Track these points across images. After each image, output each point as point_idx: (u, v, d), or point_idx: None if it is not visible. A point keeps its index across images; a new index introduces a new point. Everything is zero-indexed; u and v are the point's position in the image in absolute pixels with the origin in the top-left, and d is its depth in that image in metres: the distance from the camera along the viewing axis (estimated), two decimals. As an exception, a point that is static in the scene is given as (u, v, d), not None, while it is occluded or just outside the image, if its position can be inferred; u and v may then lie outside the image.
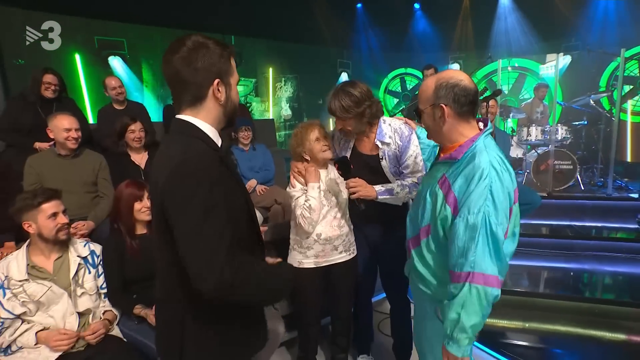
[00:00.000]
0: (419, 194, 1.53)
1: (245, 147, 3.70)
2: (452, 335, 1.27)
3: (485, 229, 1.22)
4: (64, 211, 1.96)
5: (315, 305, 2.27)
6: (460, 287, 1.24)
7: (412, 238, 1.52)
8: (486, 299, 1.23)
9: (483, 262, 1.22)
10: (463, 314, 1.24)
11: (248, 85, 7.07)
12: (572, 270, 3.81)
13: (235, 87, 1.19)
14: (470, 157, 1.30)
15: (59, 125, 2.62)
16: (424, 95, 1.37)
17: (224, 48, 1.13)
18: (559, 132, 4.88)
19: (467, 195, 1.25)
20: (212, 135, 1.15)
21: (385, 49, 8.15)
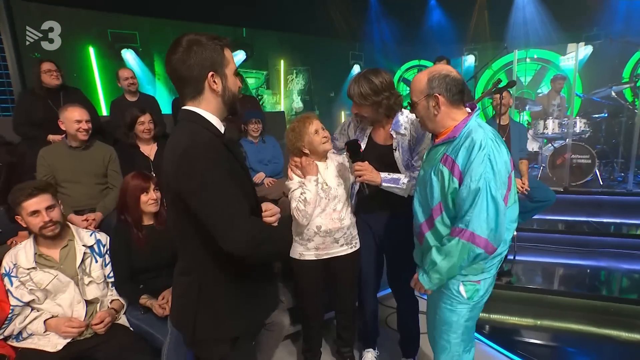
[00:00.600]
0: (422, 179, 1.60)
1: (255, 139, 3.68)
2: (427, 272, 1.50)
3: (486, 193, 1.35)
4: (49, 207, 1.92)
5: (317, 298, 2.27)
6: (450, 239, 1.42)
7: (424, 222, 1.59)
8: (467, 254, 1.39)
9: (476, 223, 1.36)
10: (444, 261, 1.44)
11: (259, 78, 7.06)
12: (588, 267, 3.69)
13: (231, 77, 1.26)
14: (467, 133, 1.44)
15: (70, 117, 2.65)
16: (417, 87, 1.50)
17: (217, 41, 1.21)
18: (577, 125, 4.72)
19: (469, 164, 1.38)
20: (215, 123, 1.25)
21: (399, 41, 8.01)
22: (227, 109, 1.28)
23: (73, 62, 4.95)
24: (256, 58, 6.87)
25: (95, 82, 5.24)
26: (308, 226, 2.06)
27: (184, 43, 1.18)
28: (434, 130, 1.56)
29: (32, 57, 4.30)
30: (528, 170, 3.58)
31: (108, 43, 5.20)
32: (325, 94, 7.86)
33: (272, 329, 2.28)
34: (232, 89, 1.26)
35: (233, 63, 1.26)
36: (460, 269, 1.47)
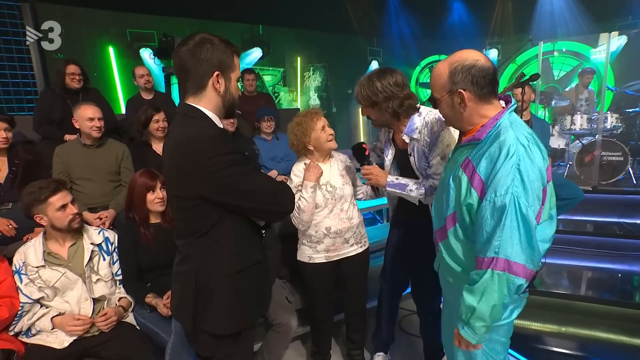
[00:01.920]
0: (442, 181, 1.44)
1: (268, 136, 3.67)
2: (468, 322, 1.23)
3: (515, 211, 1.13)
4: (72, 201, 1.98)
5: (327, 300, 2.23)
6: (482, 274, 1.18)
7: (438, 230, 1.44)
8: (507, 287, 1.15)
9: (509, 247, 1.14)
10: (482, 302, 1.18)
11: (276, 75, 7.07)
12: (619, 272, 3.48)
13: (235, 82, 1.30)
14: (495, 135, 1.22)
15: (83, 115, 2.70)
16: (438, 83, 1.29)
17: (229, 45, 1.26)
18: (608, 121, 4.46)
19: (492, 175, 1.17)
20: (214, 119, 1.27)
21: (418, 36, 7.83)
22: (225, 110, 1.31)
23: (93, 62, 5.08)
24: (273, 55, 6.88)
25: (114, 81, 5.36)
26: (317, 228, 2.03)
27: (197, 38, 1.22)
28: (461, 128, 1.38)
29: (56, 58, 4.41)
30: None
31: (127, 43, 5.30)
32: (343, 90, 7.78)
33: (279, 330, 2.25)
34: (233, 93, 1.30)
35: (239, 71, 1.31)
36: (505, 308, 1.24)
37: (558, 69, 6.88)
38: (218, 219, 1.26)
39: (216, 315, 1.31)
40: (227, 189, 1.20)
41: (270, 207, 1.28)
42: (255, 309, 1.42)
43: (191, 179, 1.20)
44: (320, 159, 2.06)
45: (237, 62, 1.29)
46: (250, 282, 1.36)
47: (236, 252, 1.31)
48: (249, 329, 1.42)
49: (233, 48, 1.27)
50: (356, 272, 2.18)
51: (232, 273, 1.31)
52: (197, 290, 1.30)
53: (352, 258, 2.12)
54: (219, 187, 1.19)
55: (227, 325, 1.33)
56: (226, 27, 6.36)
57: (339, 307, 2.37)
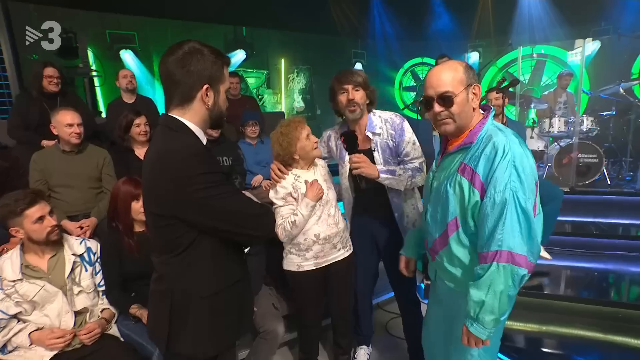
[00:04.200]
0: (436, 190, 1.46)
1: (253, 140, 3.64)
2: (477, 317, 1.25)
3: (515, 205, 1.20)
4: (50, 212, 1.91)
5: (317, 307, 2.22)
6: (487, 268, 1.22)
7: (438, 238, 1.45)
8: (512, 278, 1.21)
9: (511, 240, 1.19)
10: (489, 294, 1.22)
11: (260, 77, 7.01)
12: (595, 270, 3.58)
13: (223, 95, 1.25)
14: (486, 137, 1.30)
15: (62, 121, 2.62)
16: (456, 77, 1.31)
17: (219, 56, 1.20)
18: (584, 123, 4.60)
19: (491, 174, 1.24)
20: (198, 134, 1.22)
21: (401, 37, 7.90)
22: (211, 123, 1.27)
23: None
24: (256, 57, 6.82)
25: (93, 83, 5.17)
26: (305, 235, 2.01)
27: (186, 48, 1.17)
28: (464, 128, 1.37)
29: (31, 59, 4.27)
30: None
31: (106, 44, 5.16)
32: (327, 93, 7.73)
33: (266, 337, 2.25)
34: (222, 106, 1.26)
35: (228, 81, 1.27)
36: (511, 300, 1.27)
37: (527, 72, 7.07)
38: (194, 239, 1.21)
39: (193, 338, 1.26)
40: (204, 210, 1.15)
41: (249, 231, 1.23)
42: (236, 329, 1.37)
43: (168, 197, 1.15)
44: (305, 167, 2.05)
45: (226, 74, 1.25)
46: (229, 302, 1.31)
47: (214, 272, 1.26)
48: (229, 349, 1.39)
49: (224, 59, 1.22)
50: (343, 277, 2.18)
51: (209, 295, 1.25)
52: (172, 312, 1.25)
53: (340, 262, 2.13)
54: (196, 208, 1.14)
55: (205, 348, 1.28)
56: (209, 28, 6.28)
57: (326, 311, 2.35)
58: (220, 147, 3.29)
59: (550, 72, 6.92)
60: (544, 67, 6.97)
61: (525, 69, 6.90)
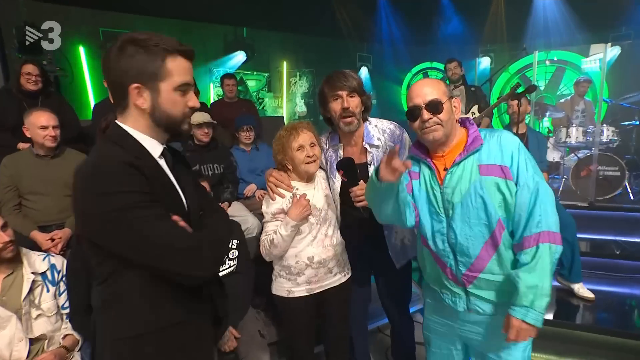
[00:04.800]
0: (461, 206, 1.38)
1: (247, 147, 3.41)
2: (534, 304, 1.24)
3: (543, 185, 1.30)
4: (3, 226, 1.73)
5: (308, 336, 2.01)
6: (533, 251, 1.27)
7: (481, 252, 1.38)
8: (554, 256, 1.28)
9: (548, 220, 1.28)
10: (543, 277, 1.25)
11: (260, 80, 6.84)
12: (617, 295, 3.28)
13: (169, 93, 1.02)
14: (488, 136, 1.40)
15: (35, 123, 2.45)
16: (441, 88, 1.41)
17: (159, 46, 0.99)
18: (604, 134, 4.32)
19: (515, 163, 1.33)
20: (147, 144, 1.05)
21: (409, 42, 7.65)
22: (164, 130, 1.06)
23: (62, 62, 4.77)
24: (257, 59, 6.63)
25: (85, 83, 5.05)
26: (297, 258, 1.82)
27: (119, 41, 0.99)
28: (448, 136, 1.43)
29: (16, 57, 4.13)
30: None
31: (100, 42, 5.01)
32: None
33: (250, 368, 2.01)
34: (167, 108, 1.03)
35: (180, 76, 1.02)
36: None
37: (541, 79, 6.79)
38: (116, 268, 1.00)
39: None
40: (115, 235, 0.94)
41: (173, 267, 0.96)
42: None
43: (78, 216, 0.98)
44: (303, 179, 1.85)
45: (174, 67, 1.01)
46: (158, 348, 1.05)
47: (140, 310, 1.02)
48: None
49: (169, 47, 0.99)
50: (340, 303, 1.98)
51: (129, 337, 1.01)
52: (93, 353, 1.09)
53: (335, 289, 1.92)
54: (104, 233, 0.95)
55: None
56: (208, 28, 6.11)
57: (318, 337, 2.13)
58: (211, 154, 3.08)
59: (566, 80, 6.64)
60: (564, 74, 6.67)
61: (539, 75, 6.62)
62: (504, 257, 1.36)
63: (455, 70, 3.95)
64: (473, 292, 1.41)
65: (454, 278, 1.44)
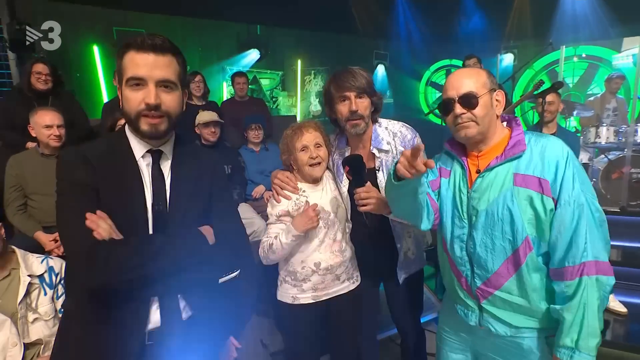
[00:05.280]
0: (486, 215, 1.27)
1: (256, 147, 3.34)
2: (578, 344, 1.12)
3: (590, 208, 1.15)
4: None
5: (313, 348, 1.91)
6: (575, 284, 1.13)
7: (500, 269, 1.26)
8: (604, 290, 1.13)
9: (595, 248, 1.13)
10: (588, 314, 1.11)
11: (274, 79, 6.78)
12: (652, 308, 3.04)
13: (125, 90, 1.03)
14: (534, 141, 1.24)
15: (40, 122, 2.47)
16: (480, 80, 1.26)
17: (122, 45, 1.04)
18: (638, 134, 4.05)
19: (559, 178, 1.17)
20: (134, 144, 1.11)
21: (428, 38, 7.42)
22: (133, 130, 1.08)
23: (76, 62, 4.84)
24: (271, 57, 6.57)
25: (99, 82, 5.10)
26: (304, 264, 1.74)
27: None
28: (487, 134, 1.29)
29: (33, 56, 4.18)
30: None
31: (113, 41, 5.05)
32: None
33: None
34: (124, 105, 1.05)
35: (130, 69, 1.02)
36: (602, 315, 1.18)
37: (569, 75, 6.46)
38: None
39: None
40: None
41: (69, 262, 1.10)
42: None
43: None
44: (308, 182, 1.76)
45: (126, 62, 1.02)
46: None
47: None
48: None
49: (128, 44, 1.02)
50: (348, 312, 1.87)
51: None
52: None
53: (343, 297, 1.83)
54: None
55: None
56: (221, 26, 6.08)
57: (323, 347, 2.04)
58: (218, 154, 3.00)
59: (598, 78, 6.30)
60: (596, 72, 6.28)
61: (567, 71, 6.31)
62: (525, 280, 1.23)
63: (475, 66, 3.76)
64: (487, 309, 1.31)
65: (468, 289, 1.35)
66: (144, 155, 1.10)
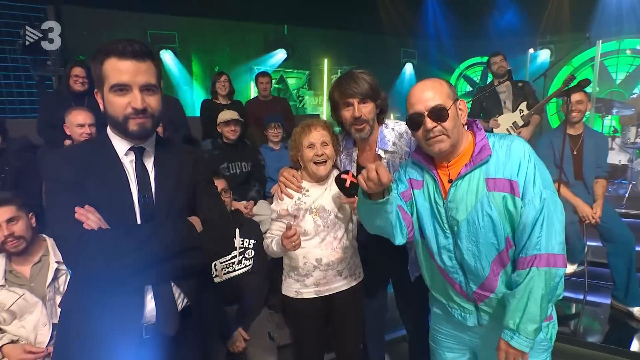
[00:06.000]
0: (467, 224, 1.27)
1: (276, 145, 3.41)
2: (519, 327, 1.20)
3: (551, 203, 1.20)
4: (10, 220, 1.80)
5: (316, 342, 1.95)
6: (525, 274, 1.20)
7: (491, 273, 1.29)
8: (553, 280, 1.20)
9: (550, 241, 1.19)
10: (530, 302, 1.18)
11: (301, 78, 6.85)
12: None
13: (108, 95, 1.08)
14: (497, 144, 1.27)
15: (73, 121, 2.63)
16: (444, 91, 1.28)
17: (99, 52, 1.08)
18: (683, 134, 3.77)
19: (522, 177, 1.22)
20: (115, 142, 1.16)
21: (458, 35, 7.21)
22: (118, 131, 1.13)
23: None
24: (298, 57, 6.64)
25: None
26: (305, 260, 1.78)
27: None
28: (455, 143, 1.29)
29: (77, 59, 4.47)
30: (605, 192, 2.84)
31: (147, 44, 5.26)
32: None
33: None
34: (109, 110, 1.10)
35: (113, 76, 1.06)
36: (550, 304, 1.25)
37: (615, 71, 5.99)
38: None
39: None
40: None
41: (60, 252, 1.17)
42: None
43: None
44: (313, 180, 1.79)
45: (108, 68, 1.06)
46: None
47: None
48: None
49: (102, 50, 1.06)
50: (350, 307, 1.90)
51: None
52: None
53: (345, 293, 1.85)
54: None
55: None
56: (249, 27, 6.22)
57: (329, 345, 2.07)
58: (238, 152, 3.11)
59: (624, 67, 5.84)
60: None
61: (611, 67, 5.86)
62: (510, 276, 1.28)
63: (501, 64, 3.63)
64: (484, 309, 1.33)
65: (464, 294, 1.35)
66: (127, 152, 1.16)
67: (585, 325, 2.81)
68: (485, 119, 3.71)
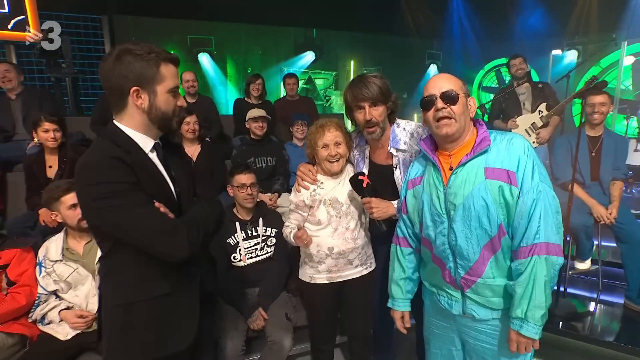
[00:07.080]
0: (463, 208, 1.34)
1: (300, 142, 3.60)
2: (527, 315, 1.24)
3: (547, 195, 1.26)
4: (74, 205, 2.04)
5: (328, 323, 2.11)
6: (527, 262, 1.25)
7: (480, 257, 1.35)
8: (553, 268, 1.25)
9: (548, 231, 1.24)
10: (536, 289, 1.23)
11: (328, 79, 6.99)
12: None
13: (163, 95, 1.19)
14: (498, 138, 1.35)
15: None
16: (457, 84, 1.38)
17: (153, 55, 1.15)
18: None
19: (521, 168, 1.28)
20: (139, 140, 1.21)
21: (483, 37, 7.14)
22: (156, 127, 1.22)
23: None
24: (325, 58, 6.80)
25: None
26: (319, 248, 1.91)
27: (115, 52, 1.15)
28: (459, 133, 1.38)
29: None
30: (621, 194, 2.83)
31: (187, 48, 5.62)
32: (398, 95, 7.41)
33: (272, 348, 2.18)
34: (162, 107, 1.20)
35: (171, 80, 1.19)
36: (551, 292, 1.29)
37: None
38: (111, 246, 1.19)
39: (110, 348, 1.24)
40: (104, 220, 1.12)
41: (155, 247, 1.14)
42: (153, 348, 1.24)
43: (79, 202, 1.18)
44: (328, 175, 1.92)
45: (167, 72, 1.17)
46: (148, 315, 1.22)
47: (132, 282, 1.21)
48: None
49: (161, 56, 1.16)
50: (361, 295, 2.02)
51: (123, 304, 1.20)
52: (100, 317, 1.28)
53: (357, 281, 1.98)
54: (96, 217, 1.13)
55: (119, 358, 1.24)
56: (280, 31, 6.45)
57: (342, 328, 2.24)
58: (264, 148, 3.31)
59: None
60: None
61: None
62: (500, 263, 1.34)
63: (520, 66, 3.64)
64: (470, 297, 1.39)
65: (452, 281, 1.42)
66: (151, 149, 1.24)
67: (598, 324, 2.83)
68: (504, 120, 3.73)
